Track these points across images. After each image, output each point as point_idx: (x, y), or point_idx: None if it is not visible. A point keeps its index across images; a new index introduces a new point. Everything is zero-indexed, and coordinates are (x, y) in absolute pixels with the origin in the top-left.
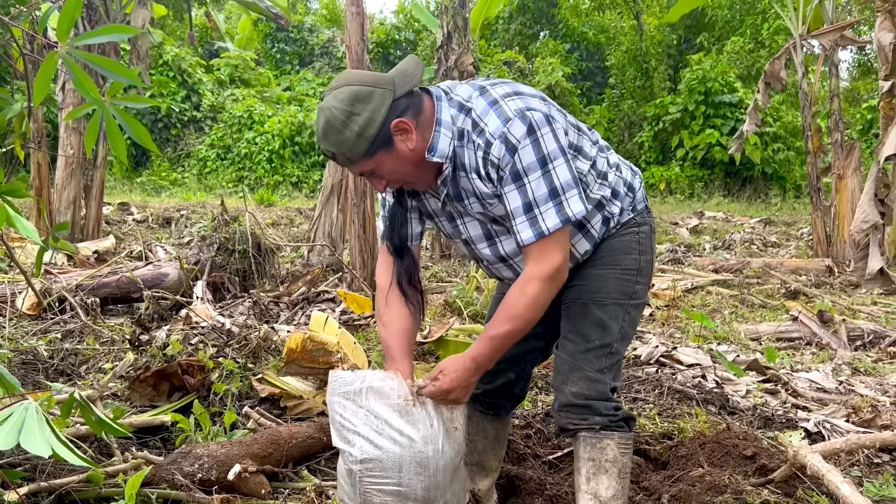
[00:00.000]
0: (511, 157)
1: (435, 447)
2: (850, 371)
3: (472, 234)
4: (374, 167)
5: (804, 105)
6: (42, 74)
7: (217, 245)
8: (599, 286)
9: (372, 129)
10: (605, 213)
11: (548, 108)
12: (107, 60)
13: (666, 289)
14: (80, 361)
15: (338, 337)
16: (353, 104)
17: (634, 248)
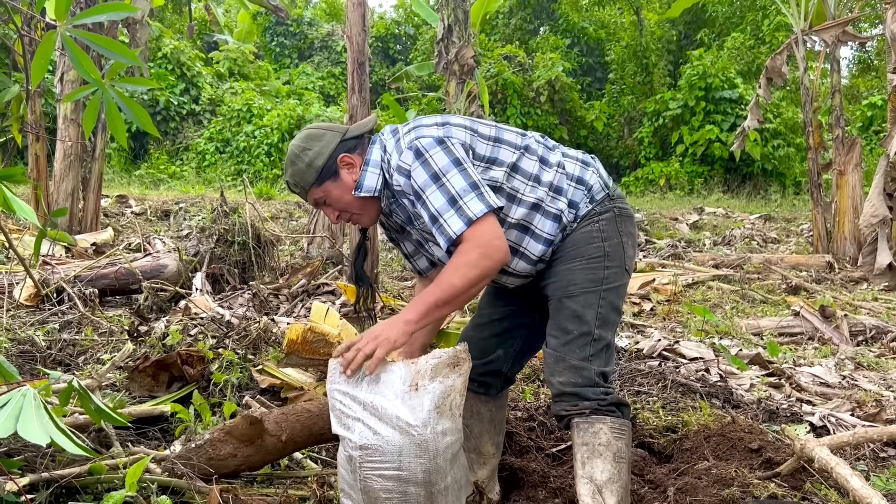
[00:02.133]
0: (409, 181)
1: (434, 431)
2: (853, 366)
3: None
4: (323, 195)
5: (805, 101)
6: (40, 54)
7: (216, 236)
8: (568, 279)
9: (320, 161)
10: (548, 211)
11: (444, 130)
12: (106, 40)
13: (667, 283)
14: (78, 352)
15: (339, 328)
16: (307, 141)
17: (596, 237)
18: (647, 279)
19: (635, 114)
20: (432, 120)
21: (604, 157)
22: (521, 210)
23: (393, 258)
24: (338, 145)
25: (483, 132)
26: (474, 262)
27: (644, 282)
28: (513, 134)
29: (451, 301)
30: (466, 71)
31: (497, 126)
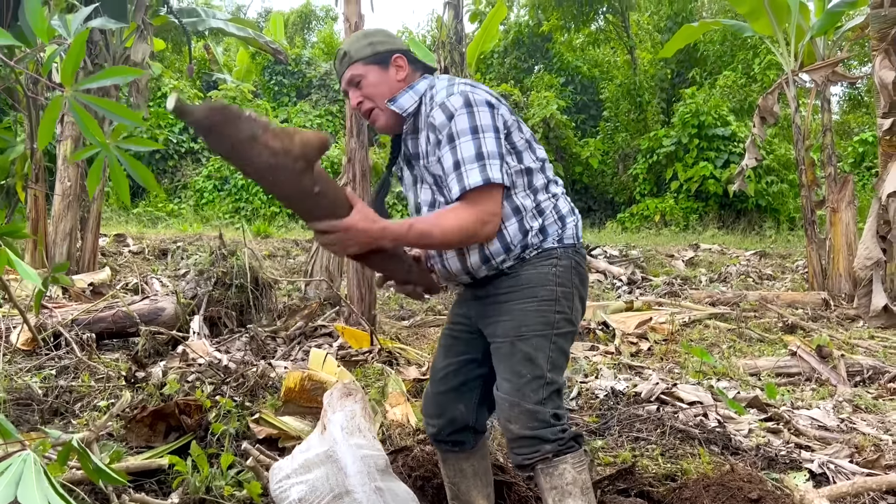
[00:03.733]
0: (448, 123)
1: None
2: (851, 408)
3: (423, 199)
4: (361, 75)
5: (797, 139)
6: (47, 118)
7: (214, 279)
8: (521, 320)
9: (381, 47)
10: (523, 222)
11: (496, 102)
12: (111, 103)
13: (664, 322)
14: (74, 399)
15: (336, 375)
16: (379, 31)
17: (551, 280)
18: (644, 318)
19: (630, 151)
20: (488, 90)
21: (599, 193)
22: (505, 206)
23: (390, 297)
24: (402, 50)
25: (523, 129)
26: (467, 227)
27: (641, 321)
28: (541, 149)
29: (429, 239)
30: None
31: (532, 137)
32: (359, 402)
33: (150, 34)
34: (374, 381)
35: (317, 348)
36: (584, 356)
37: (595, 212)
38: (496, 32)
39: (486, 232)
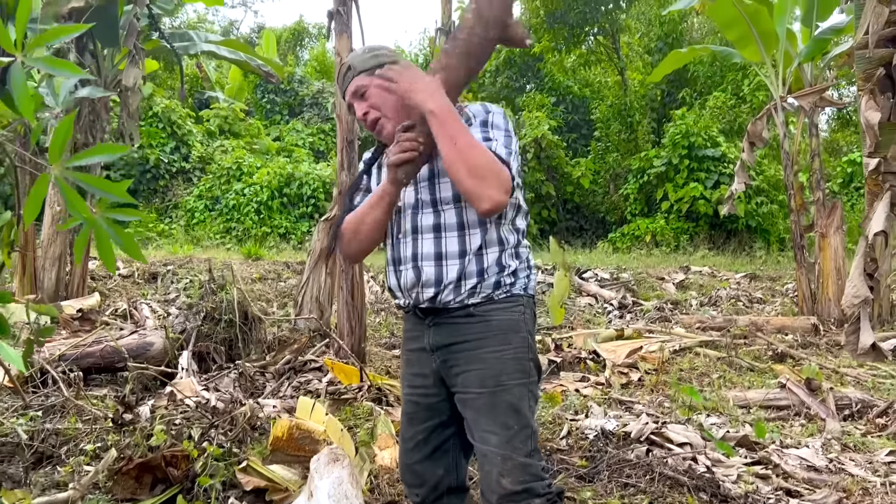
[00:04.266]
0: (484, 115)
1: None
2: (840, 447)
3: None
4: (367, 84)
5: (786, 164)
6: (34, 195)
7: (203, 314)
8: (500, 369)
9: (384, 59)
10: (502, 256)
11: None
12: (98, 179)
13: (654, 351)
14: (60, 442)
15: (325, 424)
16: (379, 48)
17: (522, 327)
18: (634, 347)
19: (621, 170)
20: None
21: (590, 212)
22: (493, 233)
23: (381, 323)
24: None
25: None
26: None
27: (632, 350)
28: None
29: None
30: None
31: None
32: (346, 468)
33: (142, 59)
34: (363, 421)
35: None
36: (575, 388)
37: (586, 231)
38: None
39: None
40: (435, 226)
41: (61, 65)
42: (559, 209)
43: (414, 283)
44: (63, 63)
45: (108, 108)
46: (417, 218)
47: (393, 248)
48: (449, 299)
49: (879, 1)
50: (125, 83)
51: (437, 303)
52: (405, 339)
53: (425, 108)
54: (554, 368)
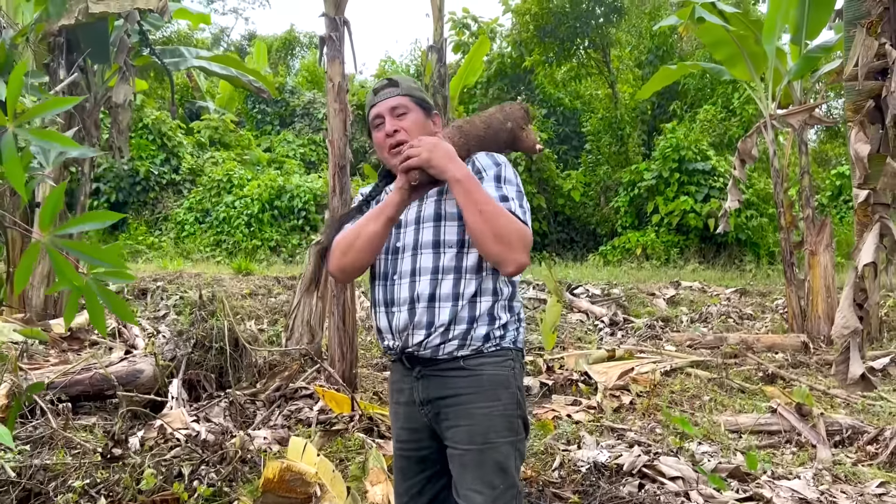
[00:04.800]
0: (495, 167)
1: None
2: (831, 478)
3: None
4: (407, 107)
5: (776, 182)
6: (24, 263)
7: (194, 341)
8: (488, 426)
9: (428, 99)
10: (495, 307)
11: None
12: (88, 246)
13: (646, 373)
14: (48, 478)
15: (316, 466)
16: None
17: (512, 383)
18: (625, 368)
19: (611, 183)
20: None
21: (581, 224)
22: (489, 283)
23: (371, 342)
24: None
25: None
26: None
27: (623, 371)
28: None
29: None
30: None
31: None
32: None
33: (132, 75)
34: (354, 454)
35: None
36: (567, 414)
37: (577, 243)
38: (480, 66)
39: (518, 256)
40: (434, 268)
41: (53, 137)
42: (550, 221)
43: (406, 324)
44: (54, 135)
45: (97, 124)
46: (417, 259)
47: (386, 290)
48: (436, 343)
49: (869, 34)
50: (115, 100)
51: (425, 347)
52: (392, 391)
53: (451, 175)
54: (546, 391)
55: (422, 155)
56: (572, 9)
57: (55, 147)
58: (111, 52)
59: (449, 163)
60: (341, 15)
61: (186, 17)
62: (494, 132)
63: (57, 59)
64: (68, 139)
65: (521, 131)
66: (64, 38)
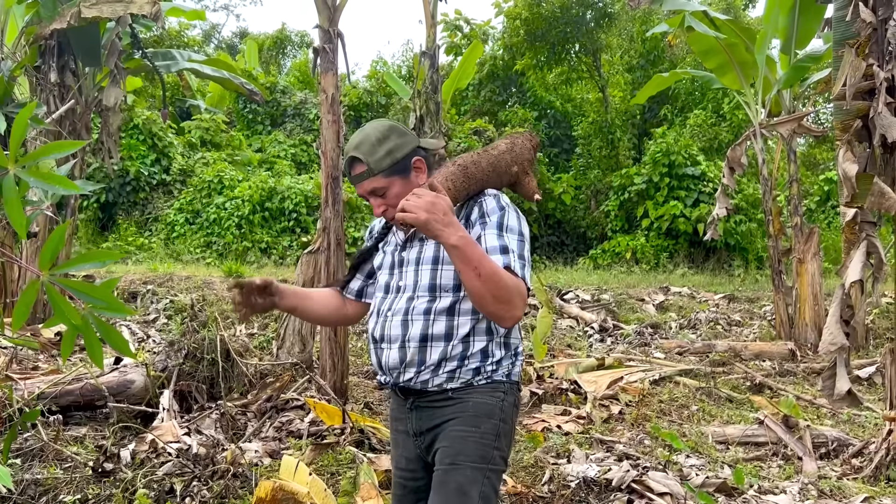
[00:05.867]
0: (499, 212)
1: None
2: (817, 492)
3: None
4: (385, 186)
5: (765, 190)
6: (23, 301)
7: (185, 352)
8: (459, 448)
9: (400, 154)
10: (489, 345)
11: None
12: (87, 286)
13: (634, 382)
14: (39, 492)
15: (308, 485)
16: (391, 131)
17: (496, 414)
18: (615, 376)
19: (602, 187)
20: None
21: (571, 228)
22: (484, 322)
23: (363, 348)
24: (415, 149)
25: None
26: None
27: (612, 380)
28: None
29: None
30: (437, 160)
31: None
32: None
33: (123, 78)
34: (345, 468)
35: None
36: (557, 425)
37: (567, 246)
38: (472, 70)
39: (516, 313)
40: (427, 310)
41: (54, 180)
42: (541, 224)
43: (396, 363)
44: (56, 177)
45: (89, 127)
46: (413, 301)
47: (379, 325)
48: (426, 378)
49: (857, 54)
50: (106, 103)
51: (415, 383)
52: (391, 419)
53: (446, 242)
54: (536, 400)
55: (419, 217)
56: (563, 13)
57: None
58: (102, 55)
59: (444, 228)
60: (335, 27)
61: (180, 14)
62: (499, 175)
63: (48, 62)
64: (70, 182)
65: (525, 176)
66: (55, 41)
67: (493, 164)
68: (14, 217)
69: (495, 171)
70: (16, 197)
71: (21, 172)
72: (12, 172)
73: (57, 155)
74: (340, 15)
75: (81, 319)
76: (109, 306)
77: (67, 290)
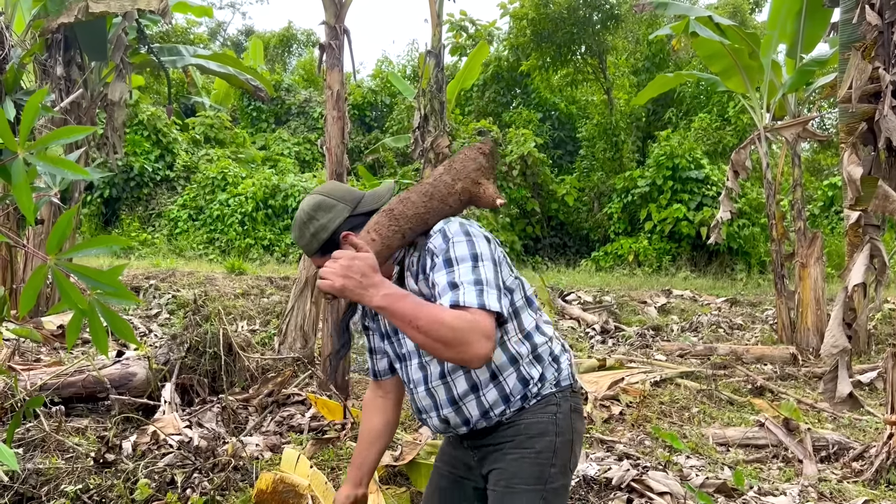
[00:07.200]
0: (445, 245)
1: None
2: (817, 495)
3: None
4: (321, 264)
5: (768, 194)
6: (30, 286)
7: (187, 345)
8: (514, 472)
9: (324, 234)
10: (521, 371)
11: (490, 240)
12: (93, 271)
13: (635, 383)
14: (41, 482)
15: (309, 478)
16: (315, 211)
17: (550, 430)
18: (616, 378)
19: (605, 189)
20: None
21: (574, 229)
22: (500, 354)
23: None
24: (345, 221)
25: (510, 265)
26: (464, 337)
27: (613, 381)
28: (526, 285)
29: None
30: (442, 159)
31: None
32: None
33: (129, 73)
34: (346, 463)
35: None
36: None
37: (570, 248)
38: (477, 70)
39: (479, 349)
40: (441, 373)
41: (63, 164)
42: (543, 226)
43: (445, 428)
44: (65, 162)
45: (94, 122)
46: (426, 369)
47: (412, 398)
48: (481, 427)
49: (863, 57)
50: (111, 97)
51: (472, 432)
52: None
53: (370, 304)
54: None
55: (334, 284)
56: (570, 15)
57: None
58: (108, 50)
59: (364, 291)
60: (341, 23)
61: (187, 10)
62: (441, 200)
63: (54, 56)
64: (79, 167)
65: (476, 187)
66: (62, 34)
67: (428, 193)
68: (23, 202)
69: (434, 199)
70: (25, 181)
71: (30, 157)
72: (21, 157)
73: (65, 140)
74: (347, 11)
75: (88, 305)
76: (116, 293)
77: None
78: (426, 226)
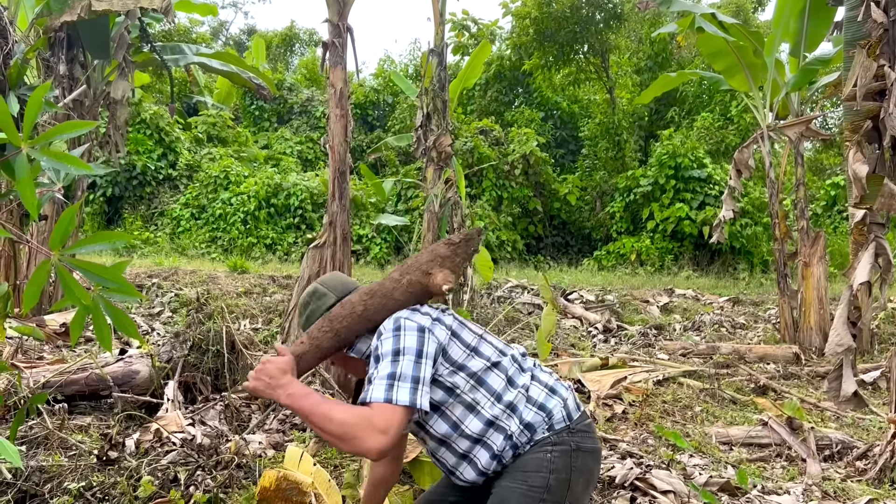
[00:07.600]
0: (378, 342)
1: None
2: (820, 493)
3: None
4: None
5: (771, 193)
6: (34, 281)
7: (191, 343)
8: (504, 498)
9: (314, 319)
10: (501, 428)
11: (431, 324)
12: (97, 266)
13: (638, 382)
14: (44, 479)
15: (312, 475)
16: (311, 296)
17: (545, 467)
18: (618, 376)
19: (607, 188)
20: (428, 309)
21: (576, 228)
22: (477, 423)
23: None
24: (328, 308)
25: (465, 339)
26: (353, 432)
27: (616, 380)
28: (491, 348)
29: (314, 423)
30: (444, 158)
31: (482, 337)
32: None
33: (131, 71)
34: (349, 461)
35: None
36: None
37: (572, 247)
38: (480, 69)
39: (370, 444)
40: (432, 450)
41: (66, 159)
42: (545, 225)
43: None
44: (68, 157)
45: (96, 120)
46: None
47: None
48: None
49: (868, 55)
50: (114, 95)
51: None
52: None
53: (278, 402)
54: None
55: (249, 385)
56: (572, 14)
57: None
58: (111, 48)
59: (272, 391)
60: (344, 21)
61: (191, 9)
62: (383, 296)
63: (57, 54)
64: (82, 162)
65: (426, 277)
66: (65, 32)
67: (370, 291)
68: (26, 197)
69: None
70: (28, 176)
71: (33, 152)
72: (25, 151)
73: (69, 135)
74: (350, 9)
75: (91, 301)
76: (120, 288)
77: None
78: (370, 322)
